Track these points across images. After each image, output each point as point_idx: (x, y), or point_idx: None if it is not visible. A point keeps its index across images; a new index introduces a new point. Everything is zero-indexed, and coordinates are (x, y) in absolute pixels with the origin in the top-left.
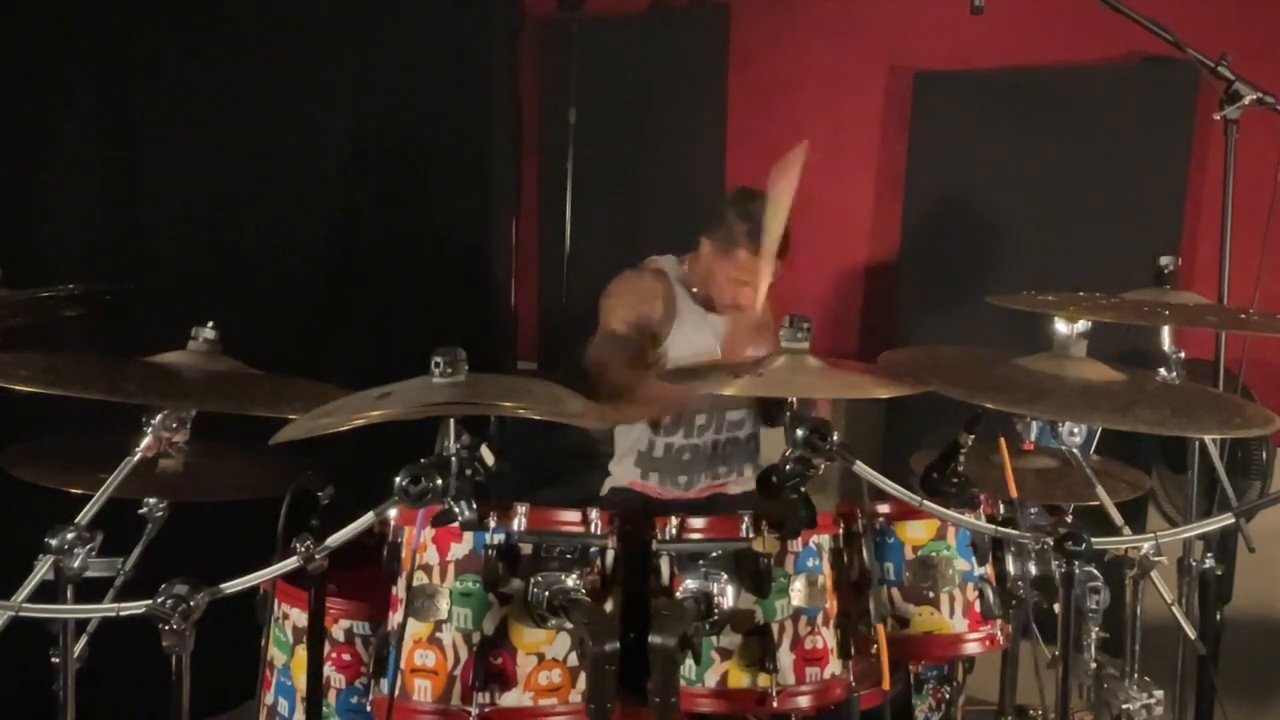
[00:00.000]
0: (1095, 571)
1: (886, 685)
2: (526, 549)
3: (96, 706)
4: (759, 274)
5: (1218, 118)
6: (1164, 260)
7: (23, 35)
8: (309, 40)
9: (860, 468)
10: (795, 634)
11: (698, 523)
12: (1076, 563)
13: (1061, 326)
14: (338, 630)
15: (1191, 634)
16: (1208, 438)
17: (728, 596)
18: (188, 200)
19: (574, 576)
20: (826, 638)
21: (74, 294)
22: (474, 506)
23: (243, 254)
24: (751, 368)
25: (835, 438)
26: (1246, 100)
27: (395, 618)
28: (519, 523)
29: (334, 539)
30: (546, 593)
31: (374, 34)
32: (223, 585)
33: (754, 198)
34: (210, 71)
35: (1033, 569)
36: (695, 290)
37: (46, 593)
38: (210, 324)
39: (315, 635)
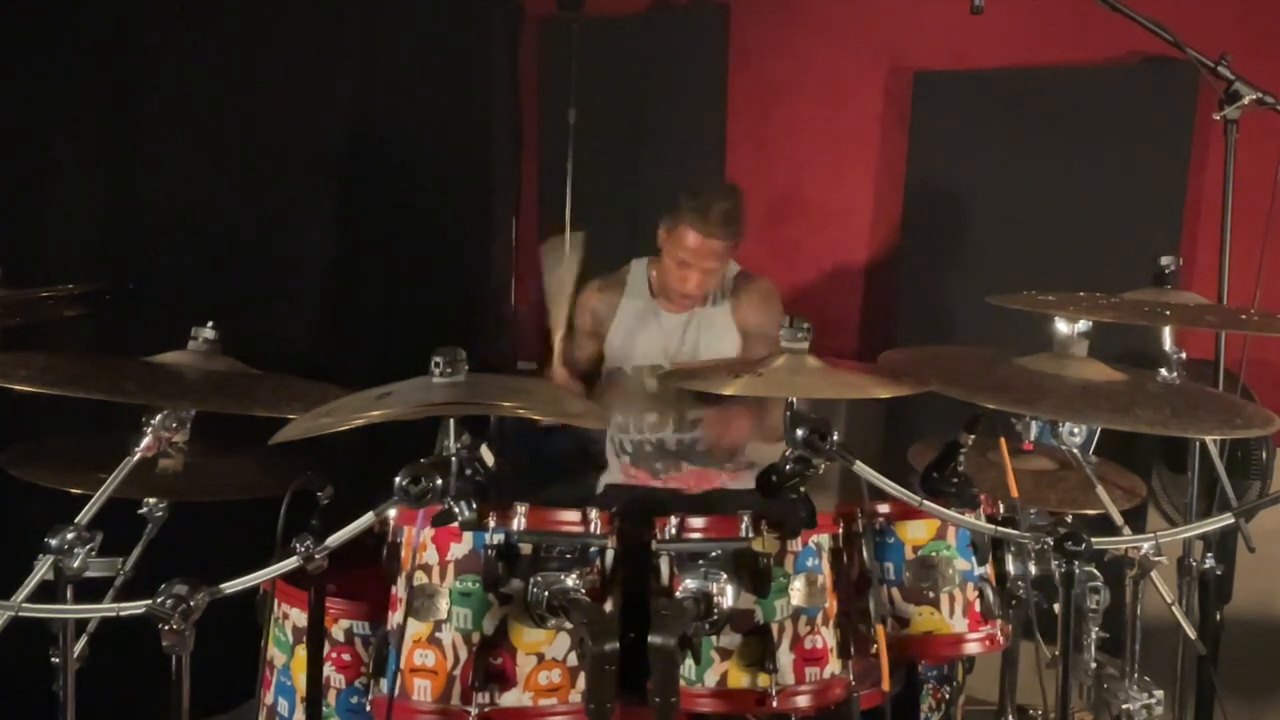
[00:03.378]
0: (1095, 571)
1: (887, 686)
2: (526, 549)
3: (96, 706)
4: (701, 255)
5: (1218, 118)
6: (1164, 260)
7: (22, 35)
8: (309, 40)
9: (860, 468)
10: (795, 634)
11: (697, 522)
12: (1076, 563)
13: (1062, 326)
14: (338, 630)
15: (1191, 634)
16: (1208, 438)
17: (727, 596)
18: (187, 200)
19: (574, 576)
20: (826, 637)
21: (74, 294)
22: (474, 506)
23: (243, 254)
24: (751, 367)
25: (835, 438)
26: (1246, 100)
27: (395, 618)
28: (519, 523)
29: (334, 539)
30: (546, 593)
31: (374, 34)
32: (223, 585)
33: (707, 186)
34: (210, 71)
35: (1033, 569)
36: (654, 289)
37: (46, 593)
38: (210, 324)
39: (315, 635)
